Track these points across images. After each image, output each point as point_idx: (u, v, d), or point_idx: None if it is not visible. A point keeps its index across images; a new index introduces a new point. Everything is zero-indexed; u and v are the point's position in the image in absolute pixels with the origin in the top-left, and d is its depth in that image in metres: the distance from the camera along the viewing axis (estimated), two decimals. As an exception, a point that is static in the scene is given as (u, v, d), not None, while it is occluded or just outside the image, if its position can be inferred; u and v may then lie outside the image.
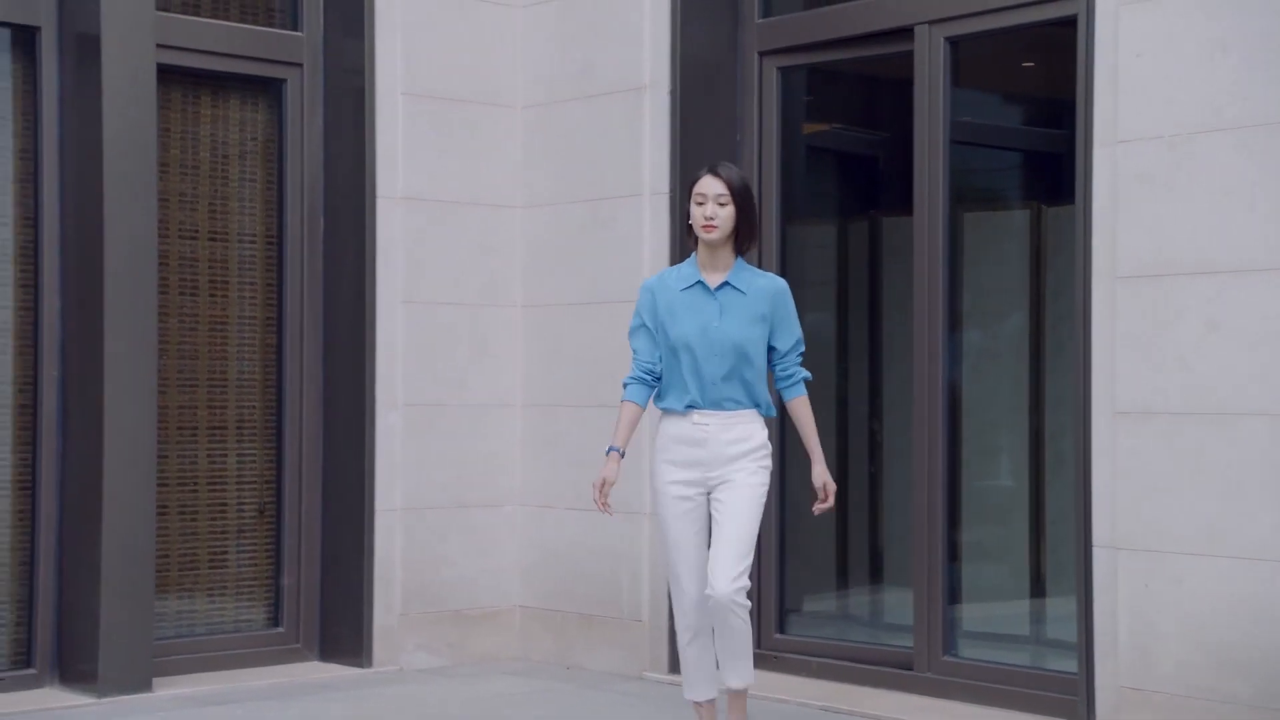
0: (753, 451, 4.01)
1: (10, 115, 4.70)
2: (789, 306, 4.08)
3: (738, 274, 4.04)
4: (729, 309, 4.02)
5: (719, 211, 3.99)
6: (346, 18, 5.16)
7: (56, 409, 4.73)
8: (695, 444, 4.01)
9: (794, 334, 4.08)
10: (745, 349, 4.02)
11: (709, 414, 4.00)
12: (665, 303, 4.07)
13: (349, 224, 5.16)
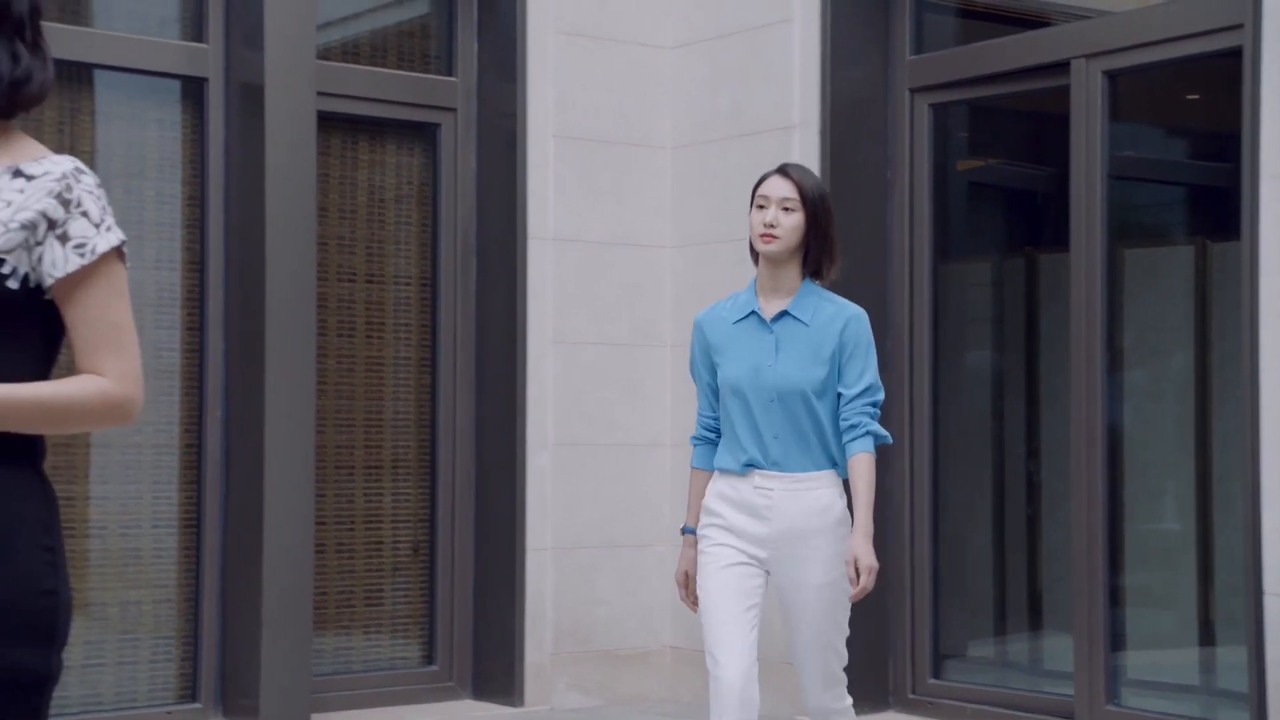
0: (831, 528, 3.26)
1: (179, 163, 4.85)
2: (862, 341, 3.30)
3: (802, 301, 3.30)
4: (787, 344, 3.29)
5: (782, 219, 3.28)
6: (500, 63, 5.23)
7: (220, 448, 4.84)
8: (756, 514, 3.28)
9: (864, 376, 3.29)
10: (808, 394, 3.26)
11: (772, 476, 3.26)
12: (717, 339, 3.37)
13: (501, 265, 5.22)
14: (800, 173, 3.38)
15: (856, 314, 3.34)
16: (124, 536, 4.78)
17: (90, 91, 4.72)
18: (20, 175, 2.01)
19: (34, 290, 1.99)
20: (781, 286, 3.34)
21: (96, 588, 4.74)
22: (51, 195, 1.99)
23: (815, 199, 3.34)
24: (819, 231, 3.33)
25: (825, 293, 3.37)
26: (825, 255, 3.36)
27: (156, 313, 4.79)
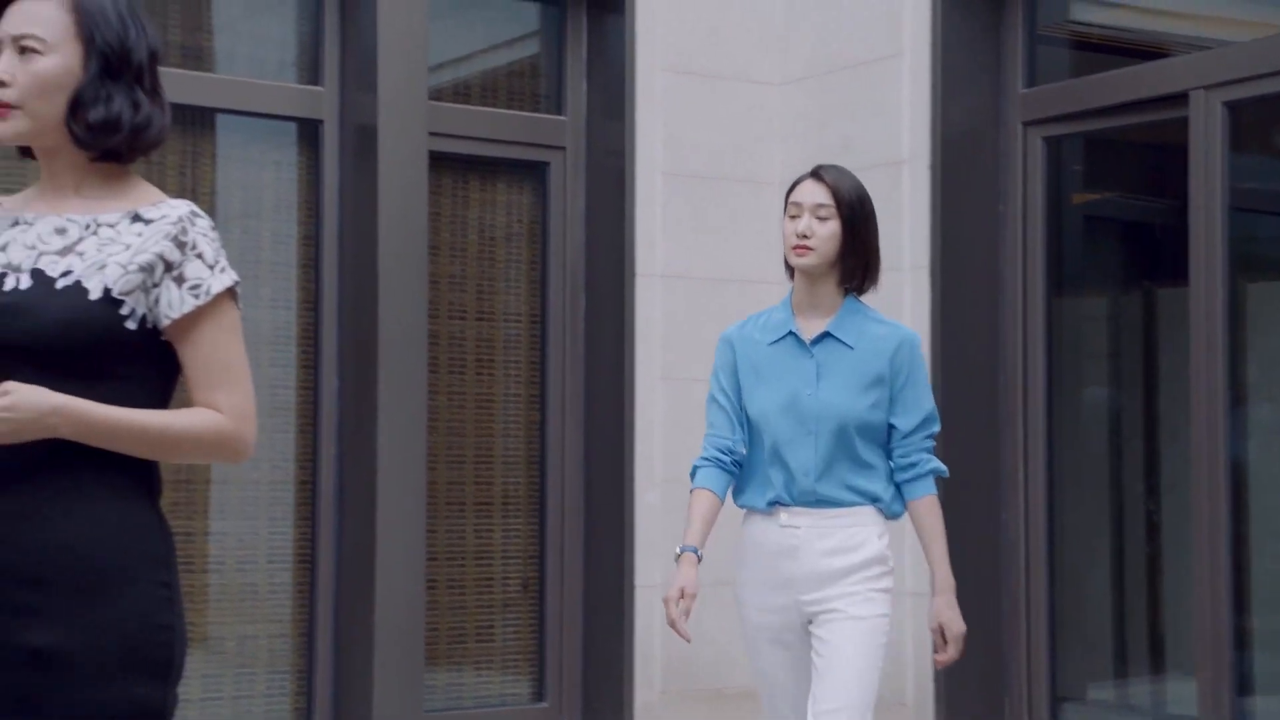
0: (863, 567, 2.97)
1: (295, 204, 4.94)
2: (917, 367, 3.00)
3: (845, 321, 2.99)
4: (830, 370, 2.97)
5: (817, 228, 2.98)
6: (608, 101, 5.26)
7: (334, 485, 4.90)
8: (783, 555, 3.00)
9: (922, 407, 3.00)
10: (851, 427, 2.95)
11: (800, 513, 2.97)
12: (748, 361, 3.07)
13: (609, 302, 5.24)
14: (836, 175, 3.06)
15: (909, 337, 3.03)
16: (240, 571, 4.85)
17: (211, 135, 4.83)
18: (139, 220, 2.06)
19: (151, 330, 2.03)
20: (820, 304, 3.02)
21: (214, 622, 4.82)
22: (168, 238, 2.04)
23: (853, 203, 3.02)
24: (858, 240, 3.00)
25: (870, 311, 3.06)
26: (864, 267, 3.03)
27: (272, 351, 4.88)
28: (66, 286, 1.98)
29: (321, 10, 4.89)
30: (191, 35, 4.78)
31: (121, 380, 2.00)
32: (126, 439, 1.97)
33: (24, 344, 1.95)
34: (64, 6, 2.04)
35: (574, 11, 5.33)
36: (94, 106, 2.03)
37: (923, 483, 3.04)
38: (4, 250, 2.04)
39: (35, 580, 1.95)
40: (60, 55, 2.03)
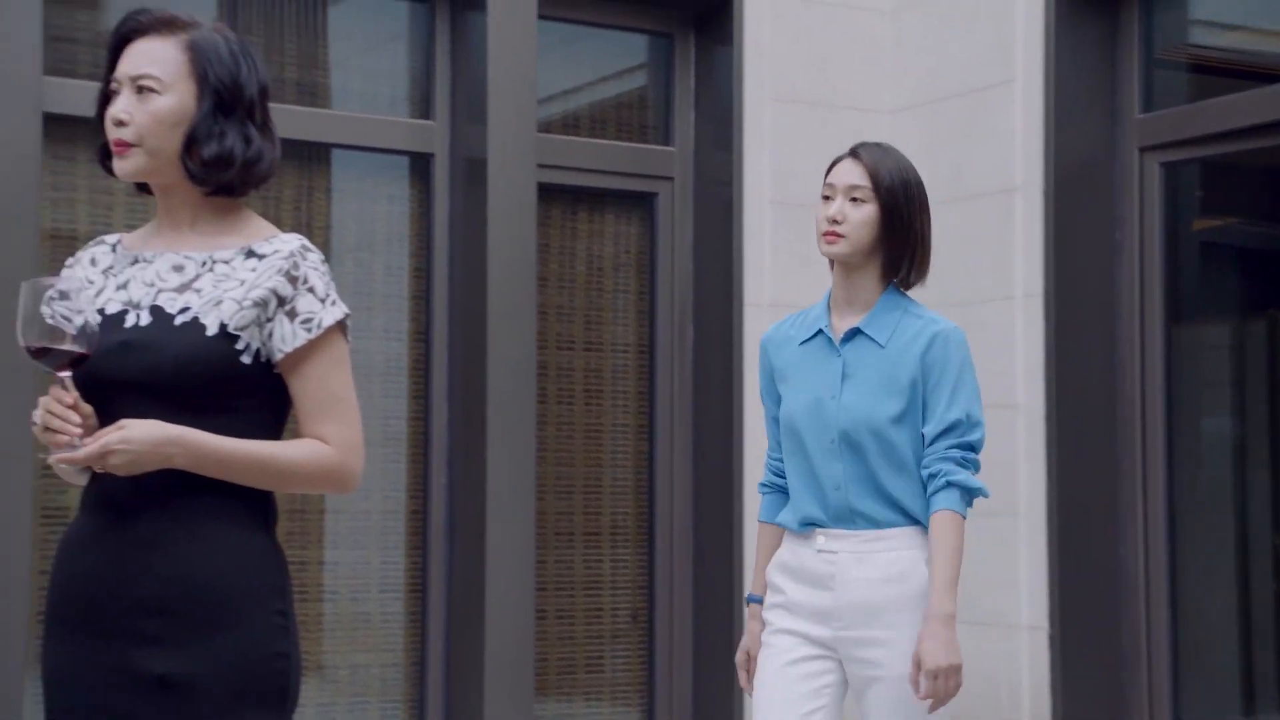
0: (913, 604, 2.61)
1: (406, 237, 5.00)
2: (952, 365, 2.64)
3: (881, 316, 2.68)
4: (857, 370, 2.66)
5: (849, 212, 2.68)
6: (716, 132, 5.26)
7: (444, 515, 4.94)
8: (818, 584, 2.65)
9: (953, 409, 2.62)
10: (878, 433, 2.62)
11: (837, 536, 2.63)
12: (781, 362, 2.78)
13: (717, 332, 5.22)
14: (877, 154, 2.73)
15: (944, 330, 2.67)
16: (354, 600, 4.90)
17: (325, 169, 4.91)
18: (252, 255, 2.10)
19: (264, 364, 2.07)
20: (857, 298, 2.71)
21: (329, 651, 4.87)
22: (281, 273, 2.07)
23: (893, 186, 2.68)
24: (898, 226, 2.68)
25: (913, 305, 2.72)
26: (907, 256, 2.70)
27: (384, 382, 4.93)
28: (184, 323, 2.03)
29: (433, 46, 4.96)
30: (307, 72, 4.87)
31: (236, 412, 2.03)
32: (240, 469, 2.01)
33: (144, 379, 2.00)
34: (179, 46, 2.09)
35: (682, 42, 5.34)
36: (207, 143, 2.07)
37: (942, 496, 2.61)
38: (125, 288, 2.09)
39: (158, 609, 1.99)
40: (175, 94, 2.07)
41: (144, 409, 1.98)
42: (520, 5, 4.85)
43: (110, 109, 2.08)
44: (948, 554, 2.62)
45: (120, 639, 1.98)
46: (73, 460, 1.95)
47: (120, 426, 1.95)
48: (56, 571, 2.07)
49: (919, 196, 2.79)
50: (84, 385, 1.99)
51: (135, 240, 2.17)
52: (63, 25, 4.40)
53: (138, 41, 2.08)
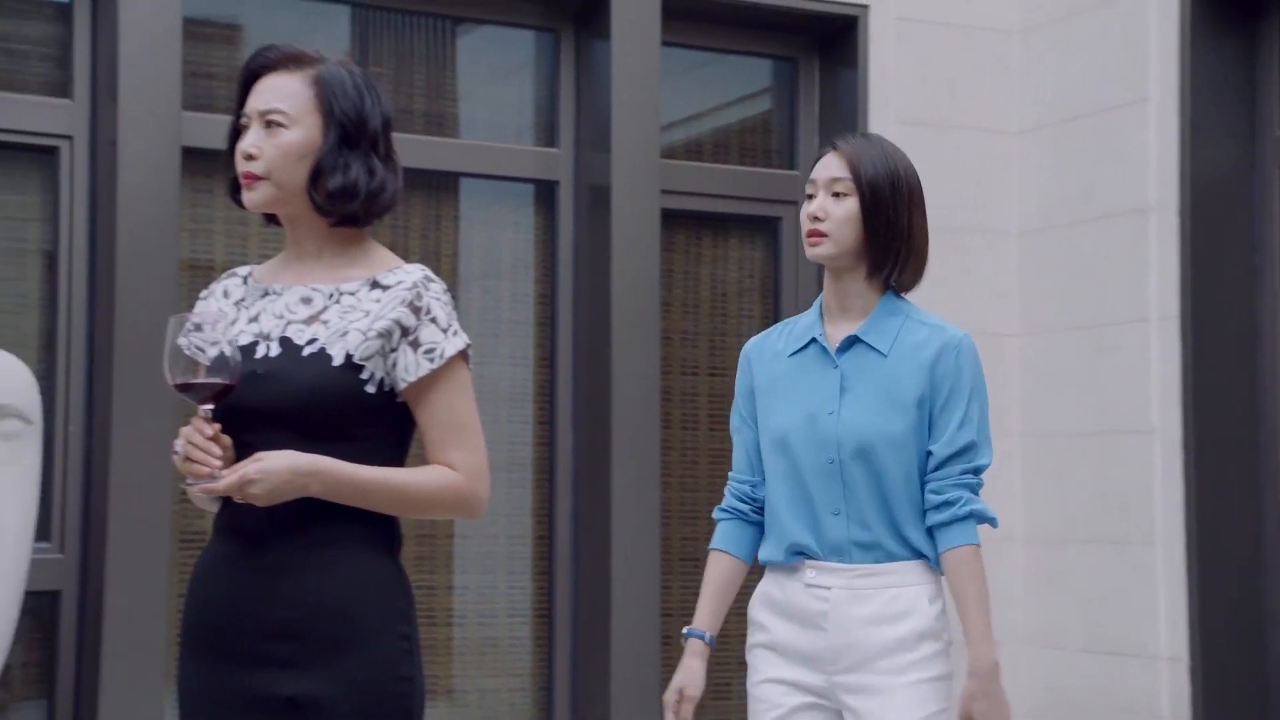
0: (909, 645, 2.35)
1: (531, 263, 5.04)
2: (964, 379, 2.41)
3: (880, 323, 2.43)
4: (857, 383, 2.39)
5: (831, 208, 2.42)
6: (840, 154, 5.24)
7: (570, 540, 4.96)
8: (809, 623, 2.39)
9: (966, 429, 2.38)
10: (880, 453, 2.35)
11: (830, 570, 2.36)
12: (765, 376, 2.51)
13: (844, 357, 5.19)
14: (860, 144, 2.48)
15: (954, 341, 2.42)
16: (481, 626, 4.94)
17: (453, 198, 4.98)
18: (377, 286, 2.14)
19: (389, 393, 2.11)
20: (851, 304, 2.45)
21: (457, 675, 4.91)
22: (404, 304, 2.11)
23: (877, 177, 2.43)
24: (880, 222, 2.41)
25: (916, 311, 2.48)
26: (892, 255, 2.42)
27: (510, 407, 4.97)
28: (312, 354, 2.07)
29: (558, 74, 5.01)
30: (435, 102, 4.94)
31: (362, 440, 2.08)
32: (372, 496, 2.05)
33: (274, 409, 2.05)
34: (306, 81, 2.14)
35: (806, 66, 5.33)
36: (332, 175, 2.12)
37: (959, 529, 2.36)
38: (256, 320, 2.14)
39: (286, 633, 2.03)
40: (302, 128, 2.13)
41: (274, 438, 2.03)
42: (644, 32, 4.87)
43: (240, 143, 2.14)
44: (980, 596, 2.35)
45: (250, 662, 2.03)
46: (213, 490, 2.01)
47: (257, 458, 2.00)
48: (190, 596, 2.13)
49: (908, 190, 2.52)
50: (218, 414, 2.04)
51: (265, 272, 2.23)
52: (200, 61, 4.52)
53: (266, 77, 2.14)
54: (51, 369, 4.26)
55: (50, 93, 4.33)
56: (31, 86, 4.33)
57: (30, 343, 4.28)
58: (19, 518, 3.75)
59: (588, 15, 4.96)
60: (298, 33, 4.75)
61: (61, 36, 4.36)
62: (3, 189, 4.31)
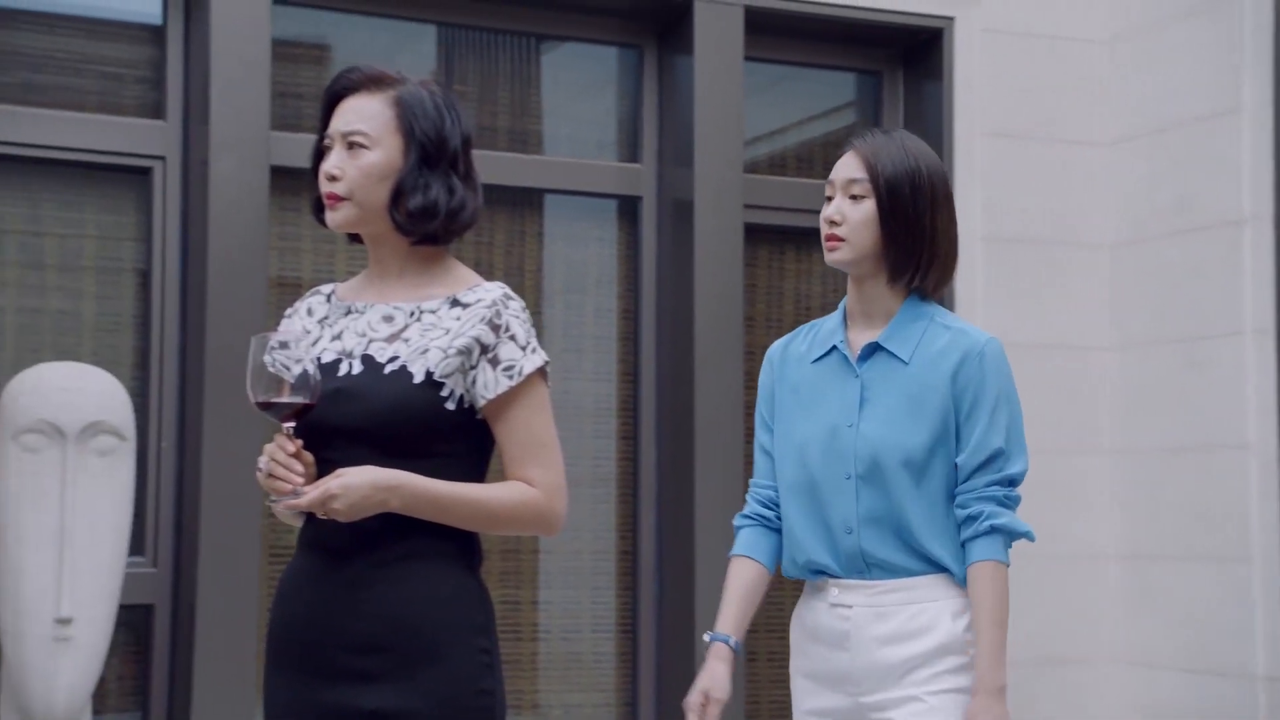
0: (932, 659, 2.26)
1: (614, 279, 5.06)
2: (989, 386, 2.27)
3: (903, 329, 2.30)
4: (877, 393, 2.28)
5: (848, 210, 2.33)
6: (925, 167, 5.20)
7: (654, 555, 4.96)
8: (835, 644, 2.33)
9: (992, 436, 2.26)
10: (903, 467, 2.24)
11: (851, 587, 2.29)
12: (788, 382, 2.41)
13: (930, 371, 5.15)
14: (878, 141, 2.34)
15: (978, 344, 2.27)
16: (565, 640, 4.95)
17: (536, 214, 5.00)
18: (457, 304, 2.16)
19: (468, 409, 2.12)
20: (875, 310, 2.34)
21: (542, 690, 4.93)
22: (484, 322, 2.13)
23: (896, 176, 2.28)
24: (901, 221, 2.28)
25: (941, 314, 2.33)
26: (915, 258, 2.28)
27: (594, 422, 4.99)
28: (393, 371, 2.10)
29: (641, 89, 5.02)
30: (519, 120, 4.97)
31: (442, 457, 2.10)
32: (451, 512, 2.07)
33: (356, 425, 2.08)
34: (386, 102, 2.17)
35: (890, 79, 5.30)
36: (413, 195, 2.15)
37: (984, 543, 2.25)
38: (339, 338, 2.17)
39: (368, 647, 2.06)
40: (383, 149, 2.15)
41: (356, 454, 2.06)
42: (727, 47, 4.88)
43: (323, 164, 2.18)
44: (996, 614, 2.24)
45: (334, 676, 2.05)
46: (296, 507, 2.04)
47: (339, 474, 2.02)
48: (275, 610, 2.16)
49: (932, 188, 2.35)
50: (299, 431, 2.07)
51: (348, 290, 2.26)
52: (289, 81, 4.59)
53: (349, 99, 2.18)
54: (145, 386, 4.34)
55: (144, 114, 4.42)
56: (126, 109, 4.42)
57: (125, 360, 4.37)
58: (113, 532, 3.83)
59: (671, 31, 4.98)
60: (385, 52, 4.81)
61: (155, 59, 4.45)
62: (99, 209, 4.40)
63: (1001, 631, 2.27)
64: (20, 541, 3.71)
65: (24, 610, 3.70)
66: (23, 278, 4.31)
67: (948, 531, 2.30)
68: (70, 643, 3.72)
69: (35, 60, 4.37)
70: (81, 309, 4.36)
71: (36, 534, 3.71)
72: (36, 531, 3.71)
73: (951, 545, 2.30)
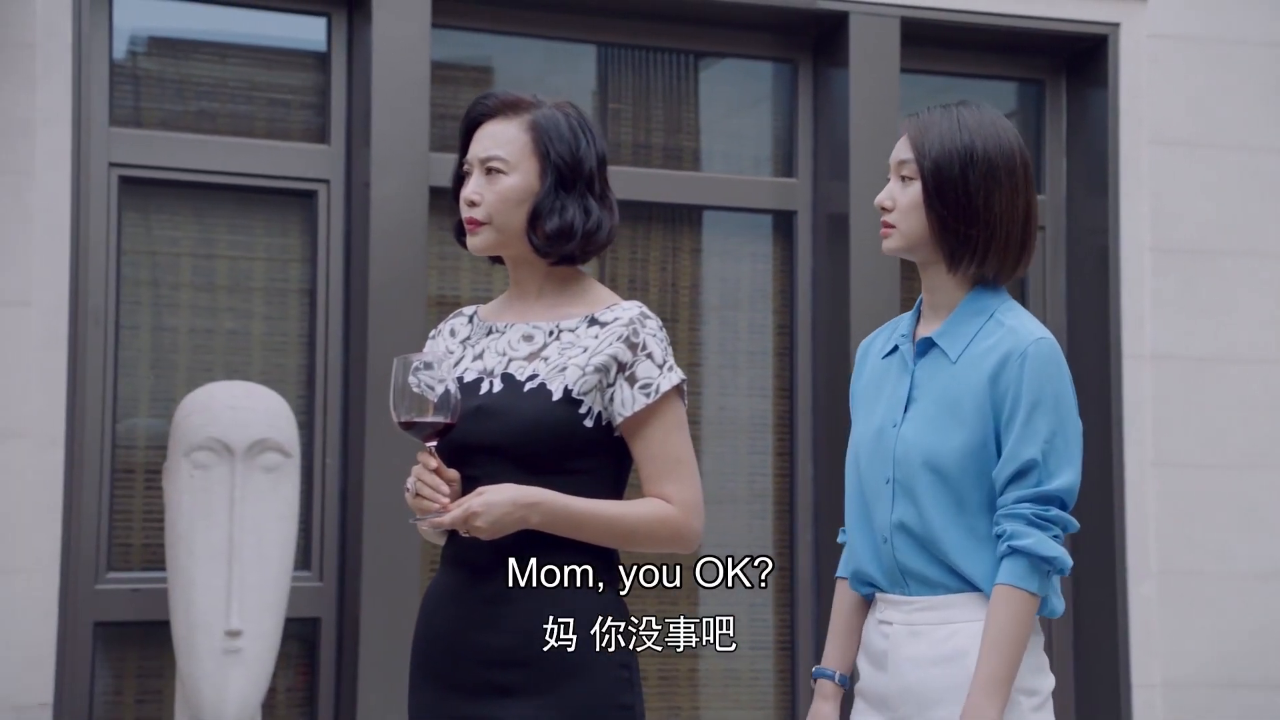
0: (963, 691, 2.05)
1: (769, 294, 5.04)
2: (1029, 390, 2.06)
3: (960, 323, 2.13)
4: (923, 393, 2.13)
5: (898, 194, 2.18)
6: (1090, 177, 5.09)
7: (811, 570, 4.93)
8: (877, 663, 2.16)
9: (1026, 446, 2.05)
10: (933, 472, 2.08)
11: (892, 602, 2.13)
12: (863, 381, 2.29)
13: (1095, 384, 5.02)
14: (933, 116, 2.15)
15: (1020, 346, 2.06)
16: (723, 657, 4.94)
17: (691, 230, 5.01)
18: (595, 323, 2.18)
19: (606, 427, 2.14)
20: (940, 302, 2.17)
21: (702, 707, 4.93)
22: (621, 340, 2.15)
23: (944, 155, 2.09)
24: (950, 205, 2.08)
25: (1005, 309, 2.13)
26: (971, 244, 2.08)
27: (750, 438, 4.98)
28: (532, 389, 2.13)
29: (795, 104, 5.01)
30: (674, 137, 5.00)
31: (581, 474, 2.12)
32: (590, 528, 2.09)
33: (496, 442, 2.11)
34: (522, 126, 2.20)
35: (1053, 87, 5.20)
36: (550, 217, 2.18)
37: (1004, 565, 2.03)
38: (480, 357, 2.22)
39: (512, 661, 2.09)
40: (520, 173, 2.19)
41: (497, 472, 2.09)
42: (883, 60, 4.84)
43: (463, 190, 2.22)
44: (998, 641, 2.00)
45: (475, 690, 2.09)
46: (440, 525, 2.08)
47: (480, 493, 2.06)
48: (419, 626, 2.21)
49: (988, 165, 2.12)
50: (442, 449, 2.11)
51: (490, 311, 2.30)
52: (448, 102, 4.68)
53: (486, 124, 2.22)
54: (311, 404, 4.46)
55: (309, 139, 4.55)
56: (293, 134, 4.56)
57: (291, 378, 4.50)
58: (279, 547, 3.94)
59: (825, 45, 4.95)
60: (540, 72, 4.88)
61: (320, 85, 4.58)
62: (267, 232, 4.54)
63: (1001, 663, 2.02)
64: (192, 555, 3.84)
65: (196, 623, 3.83)
66: (195, 299, 4.47)
67: (985, 548, 2.09)
68: (239, 654, 3.83)
69: (209, 89, 4.53)
70: (251, 329, 4.51)
71: (207, 548, 3.84)
72: (207, 546, 3.84)
73: (987, 563, 2.08)
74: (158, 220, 4.47)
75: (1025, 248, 2.21)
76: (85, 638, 4.16)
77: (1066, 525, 2.14)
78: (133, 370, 4.37)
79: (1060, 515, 2.12)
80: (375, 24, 4.39)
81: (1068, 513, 2.14)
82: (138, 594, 4.20)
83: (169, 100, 4.50)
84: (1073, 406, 2.17)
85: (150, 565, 4.25)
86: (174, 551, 3.89)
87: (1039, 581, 2.09)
